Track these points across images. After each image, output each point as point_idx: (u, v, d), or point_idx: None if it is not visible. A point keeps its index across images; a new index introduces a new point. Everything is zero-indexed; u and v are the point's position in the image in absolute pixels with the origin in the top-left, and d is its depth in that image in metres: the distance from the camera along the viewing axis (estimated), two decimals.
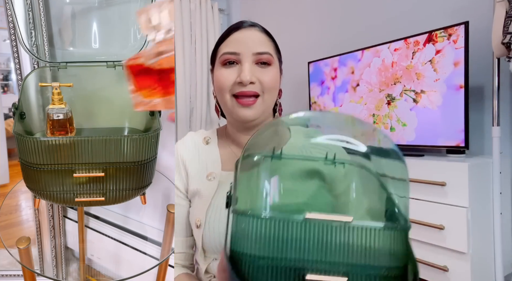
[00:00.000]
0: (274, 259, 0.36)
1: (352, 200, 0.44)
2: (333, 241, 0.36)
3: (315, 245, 0.36)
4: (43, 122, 0.80)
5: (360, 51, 1.69)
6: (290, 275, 0.35)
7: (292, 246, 0.36)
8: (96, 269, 1.10)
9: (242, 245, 0.37)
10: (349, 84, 1.75)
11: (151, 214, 0.99)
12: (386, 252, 0.36)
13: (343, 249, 0.36)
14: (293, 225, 0.36)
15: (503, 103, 1.48)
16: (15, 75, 0.94)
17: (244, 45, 0.61)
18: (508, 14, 1.22)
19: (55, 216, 1.02)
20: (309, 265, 0.36)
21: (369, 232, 0.36)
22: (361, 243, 0.36)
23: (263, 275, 0.36)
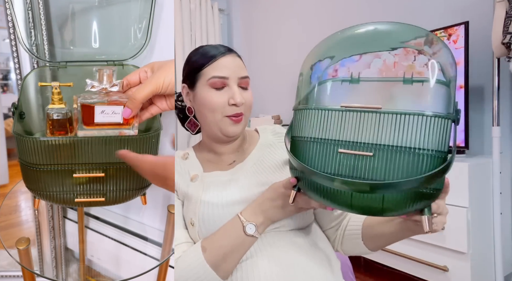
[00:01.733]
0: (318, 139, 0.50)
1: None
2: (362, 124, 0.46)
3: (348, 127, 0.47)
4: (43, 122, 0.80)
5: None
6: (329, 149, 0.48)
7: (330, 129, 0.49)
8: (96, 269, 1.09)
9: (297, 131, 0.53)
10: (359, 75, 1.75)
11: (151, 215, 0.99)
12: (414, 133, 0.44)
13: (372, 131, 0.46)
14: (332, 113, 0.49)
15: (503, 103, 1.48)
16: (14, 74, 0.93)
17: (231, 70, 0.69)
18: (508, 14, 1.22)
19: (55, 216, 1.02)
20: (342, 144, 0.47)
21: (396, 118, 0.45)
22: (388, 127, 0.45)
23: (311, 150, 0.50)
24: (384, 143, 0.45)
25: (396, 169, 0.44)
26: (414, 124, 0.44)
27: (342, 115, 0.48)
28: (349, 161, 0.47)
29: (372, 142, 0.45)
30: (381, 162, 0.45)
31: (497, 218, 1.38)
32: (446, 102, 0.47)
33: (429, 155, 0.44)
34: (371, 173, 0.45)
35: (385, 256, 1.58)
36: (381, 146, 0.45)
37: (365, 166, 0.45)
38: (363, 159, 0.46)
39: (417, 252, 1.45)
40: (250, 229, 0.60)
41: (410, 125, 0.44)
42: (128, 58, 0.81)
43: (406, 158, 0.44)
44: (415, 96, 0.48)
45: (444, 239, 1.36)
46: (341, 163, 0.47)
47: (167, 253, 0.87)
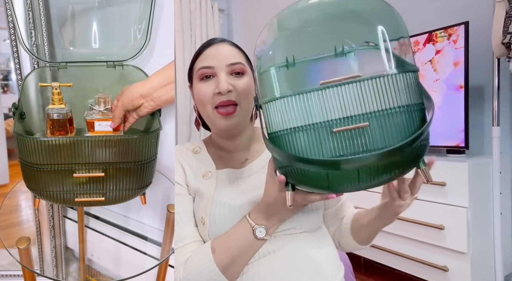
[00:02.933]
0: (303, 127, 0.46)
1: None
2: (349, 98, 0.45)
3: (334, 107, 0.45)
4: (43, 122, 0.80)
5: None
6: (320, 133, 0.45)
7: (315, 112, 0.46)
8: (96, 269, 1.10)
9: (277, 125, 0.49)
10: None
11: (151, 214, 0.99)
12: (400, 93, 0.44)
13: (360, 102, 0.44)
14: (312, 95, 0.46)
15: (503, 103, 1.48)
16: (15, 75, 0.94)
17: (217, 59, 0.65)
18: (508, 14, 1.22)
19: (55, 216, 1.02)
20: (332, 123, 0.45)
21: (381, 81, 0.44)
22: (375, 92, 0.44)
23: (299, 141, 0.47)
24: (374, 110, 0.44)
25: (393, 132, 0.44)
26: (394, 83, 0.44)
27: (323, 93, 0.45)
28: (344, 139, 0.45)
29: (362, 112, 0.44)
30: (377, 129, 0.44)
31: (497, 218, 1.38)
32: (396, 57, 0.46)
33: (415, 109, 0.45)
34: (371, 143, 0.44)
35: (385, 256, 1.58)
36: (372, 113, 0.44)
37: (363, 139, 0.44)
38: (358, 133, 0.44)
39: (417, 252, 1.45)
40: (260, 232, 0.59)
41: (392, 86, 0.44)
42: (128, 58, 0.82)
43: (399, 118, 0.44)
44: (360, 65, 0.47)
45: (444, 239, 1.36)
46: (337, 144, 0.45)
47: (166, 252, 0.87)
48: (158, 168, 0.81)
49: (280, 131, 0.48)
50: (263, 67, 0.50)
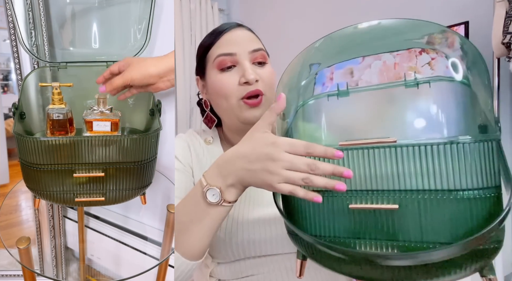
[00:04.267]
0: (319, 192, 0.37)
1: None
2: (374, 165, 0.34)
3: (356, 174, 0.35)
4: (43, 122, 0.80)
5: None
6: (334, 206, 0.36)
7: (333, 177, 0.36)
8: (96, 269, 1.10)
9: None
10: (346, 85, 1.75)
11: (151, 214, 0.99)
12: (467, 170, 0.31)
13: (389, 173, 0.33)
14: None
15: (503, 103, 1.48)
16: (15, 75, 0.94)
17: (238, 45, 0.59)
18: (508, 14, 1.22)
19: (55, 216, 1.02)
20: (353, 195, 0.35)
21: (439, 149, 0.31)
22: (411, 165, 0.32)
23: (311, 207, 0.38)
24: (410, 188, 0.32)
25: (434, 223, 0.32)
26: (447, 156, 0.31)
27: (348, 154, 0.35)
28: (366, 218, 0.34)
29: (393, 188, 0.33)
30: (412, 216, 0.32)
31: None
32: (470, 106, 0.34)
33: (476, 197, 0.31)
34: (400, 232, 0.33)
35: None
36: (406, 193, 0.33)
37: (391, 223, 0.33)
38: (385, 214, 0.33)
39: None
40: (213, 196, 0.45)
41: (441, 159, 0.31)
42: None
43: (447, 206, 0.31)
44: (427, 102, 0.35)
45: None
46: (355, 222, 0.35)
47: (166, 252, 0.87)
48: (158, 168, 0.81)
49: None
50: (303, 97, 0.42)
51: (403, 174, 0.33)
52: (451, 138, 0.32)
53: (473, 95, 0.36)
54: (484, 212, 0.31)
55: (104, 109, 0.74)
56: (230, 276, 0.63)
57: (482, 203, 0.31)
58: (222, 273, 0.63)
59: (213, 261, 0.64)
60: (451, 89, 0.36)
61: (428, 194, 0.32)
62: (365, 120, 0.39)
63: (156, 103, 0.79)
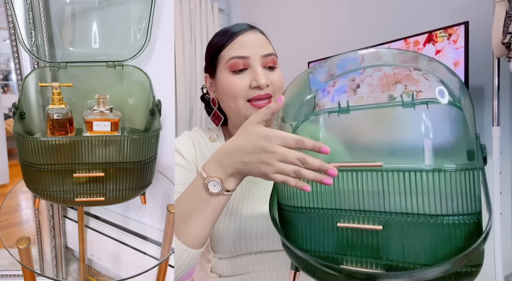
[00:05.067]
0: (310, 209, 0.39)
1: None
2: (363, 187, 0.36)
3: (345, 194, 0.37)
4: (43, 122, 0.80)
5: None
6: (324, 223, 0.38)
7: (324, 195, 0.38)
8: (96, 269, 1.10)
9: (283, 197, 0.42)
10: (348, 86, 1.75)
11: (151, 214, 0.99)
12: (447, 196, 0.32)
13: (376, 195, 0.35)
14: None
15: (503, 103, 1.48)
16: (15, 75, 0.94)
17: (251, 48, 0.61)
18: (508, 14, 1.22)
19: (55, 216, 1.02)
20: (341, 214, 0.37)
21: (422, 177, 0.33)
22: (396, 188, 0.34)
23: (303, 223, 0.40)
24: (395, 211, 0.34)
25: (415, 245, 0.33)
26: (429, 182, 0.32)
27: (338, 175, 0.37)
28: (353, 236, 0.36)
29: (378, 209, 0.35)
30: (395, 237, 0.34)
31: (497, 218, 1.38)
32: (463, 131, 0.36)
33: (456, 222, 0.32)
34: (384, 252, 0.34)
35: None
36: (391, 215, 0.34)
37: (375, 243, 0.35)
38: (371, 233, 0.35)
39: None
40: (215, 186, 0.48)
41: (424, 185, 0.33)
42: (128, 58, 0.82)
43: (428, 230, 0.32)
44: (421, 125, 0.37)
45: None
46: (343, 239, 0.37)
47: (166, 252, 0.87)
48: (158, 168, 0.81)
49: (288, 206, 0.42)
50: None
51: (388, 197, 0.35)
52: (437, 165, 0.33)
53: (465, 119, 0.39)
54: (464, 237, 0.32)
55: (104, 109, 0.74)
56: (231, 271, 0.63)
57: (462, 228, 0.32)
58: (223, 269, 0.64)
59: (215, 256, 0.64)
60: (445, 111, 0.39)
61: (411, 217, 0.33)
62: (359, 140, 0.42)
63: (156, 103, 0.79)
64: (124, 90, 0.84)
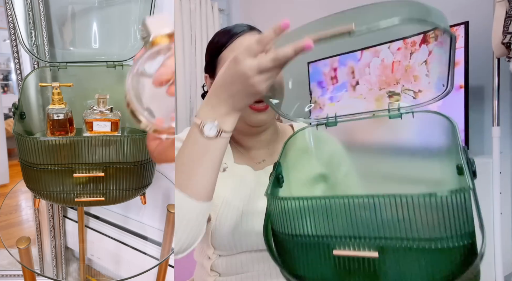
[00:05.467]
0: (306, 237, 0.39)
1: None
2: (355, 212, 0.36)
3: (340, 220, 0.37)
4: (43, 122, 0.80)
5: (360, 51, 1.69)
6: (320, 251, 0.38)
7: (320, 222, 0.38)
8: (96, 269, 1.10)
9: (277, 224, 0.41)
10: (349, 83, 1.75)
11: (151, 214, 0.99)
12: (440, 219, 0.32)
13: (370, 223, 0.35)
14: (313, 201, 0.38)
15: (503, 103, 1.48)
16: (15, 75, 0.94)
17: None
18: (508, 14, 1.22)
19: (55, 216, 1.02)
20: (337, 241, 0.37)
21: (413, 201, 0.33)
22: (389, 213, 0.34)
23: (299, 250, 0.39)
24: (390, 236, 0.34)
25: (412, 270, 0.34)
26: (422, 207, 0.33)
27: (329, 202, 0.37)
28: (350, 263, 0.36)
29: (373, 236, 0.35)
30: (391, 262, 0.34)
31: (497, 218, 1.38)
32: (452, 142, 0.37)
33: (450, 246, 0.32)
34: (381, 277, 0.35)
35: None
36: (386, 240, 0.34)
37: (372, 268, 0.35)
38: (368, 259, 0.36)
39: None
40: (210, 129, 0.46)
41: (416, 210, 0.33)
42: (128, 58, 0.82)
43: (424, 254, 0.33)
44: (408, 139, 0.39)
45: None
46: (340, 266, 0.37)
47: (166, 252, 0.87)
48: (158, 168, 0.81)
49: (283, 234, 0.41)
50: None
51: (381, 223, 0.35)
52: (428, 188, 0.34)
53: (454, 129, 0.39)
54: (460, 259, 0.33)
55: (104, 109, 0.74)
56: (231, 270, 0.64)
57: (457, 251, 0.33)
58: (223, 267, 0.64)
59: (215, 253, 0.64)
60: (435, 121, 0.40)
61: (406, 242, 0.34)
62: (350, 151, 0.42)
63: None
64: (124, 90, 0.84)
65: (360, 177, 0.60)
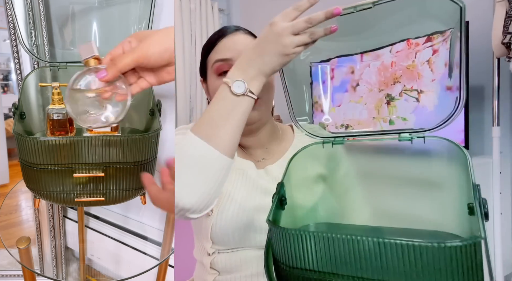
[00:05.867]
0: (308, 272, 0.38)
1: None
2: (363, 253, 0.35)
3: (344, 258, 0.36)
4: (43, 122, 0.80)
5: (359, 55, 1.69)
6: None
7: (322, 259, 0.37)
8: (96, 269, 1.10)
9: (279, 253, 0.41)
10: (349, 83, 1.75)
11: (151, 214, 0.99)
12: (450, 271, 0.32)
13: (375, 266, 0.34)
14: (317, 238, 0.37)
15: (503, 103, 1.48)
16: (15, 75, 0.94)
17: (234, 50, 0.61)
18: (508, 14, 1.22)
19: (55, 216, 1.02)
20: (339, 279, 0.36)
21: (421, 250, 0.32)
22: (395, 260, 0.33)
23: None
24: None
25: None
26: (429, 256, 0.32)
27: (333, 238, 0.36)
28: None
29: (378, 278, 0.35)
30: None
31: (497, 218, 1.38)
32: (465, 175, 0.37)
33: None
34: None
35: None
36: None
37: None
38: None
39: None
40: (239, 87, 0.48)
41: (424, 258, 0.32)
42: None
43: None
44: (420, 169, 0.40)
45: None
46: None
47: (166, 252, 0.87)
48: (158, 168, 0.81)
49: (286, 265, 0.40)
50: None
51: (386, 267, 0.34)
52: (438, 240, 0.33)
53: (466, 160, 0.39)
54: None
55: None
56: (230, 268, 0.63)
57: None
58: (222, 265, 0.64)
59: (213, 247, 0.64)
60: (447, 149, 0.40)
61: None
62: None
63: (156, 103, 0.79)
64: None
65: (359, 177, 0.60)
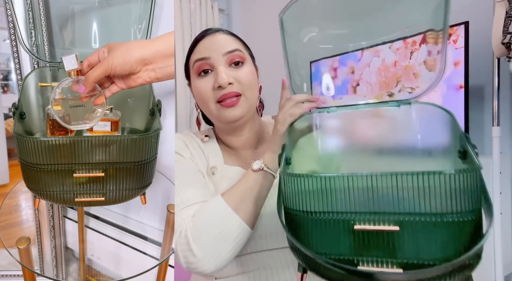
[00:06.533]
0: (321, 213, 0.40)
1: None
2: (376, 189, 0.37)
3: (360, 197, 0.38)
4: (43, 122, 0.80)
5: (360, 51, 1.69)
6: (339, 227, 0.39)
7: (337, 199, 0.39)
8: (96, 269, 1.10)
9: (290, 201, 0.42)
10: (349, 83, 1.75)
11: (151, 214, 0.99)
12: (452, 196, 0.35)
13: (393, 198, 0.37)
14: (334, 179, 0.39)
15: (503, 103, 1.48)
16: (15, 75, 0.94)
17: (212, 49, 0.61)
18: (508, 14, 1.22)
19: (55, 216, 1.02)
20: (356, 217, 0.38)
21: (429, 178, 0.36)
22: (413, 191, 0.36)
23: (315, 227, 0.40)
24: (408, 212, 0.36)
25: (428, 243, 0.36)
26: (431, 183, 0.35)
27: (348, 180, 0.38)
28: (368, 238, 0.37)
29: (393, 211, 0.37)
30: (409, 237, 0.36)
31: (497, 218, 1.38)
32: (451, 131, 0.42)
33: (467, 220, 0.35)
34: (399, 251, 0.36)
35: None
36: (404, 215, 0.36)
37: (391, 243, 0.37)
38: (386, 234, 0.37)
39: None
40: (257, 164, 0.56)
41: (431, 186, 0.35)
42: None
43: (439, 228, 0.35)
44: (409, 128, 0.44)
45: None
46: (358, 243, 0.38)
47: (166, 252, 0.87)
48: (158, 168, 0.81)
49: (297, 210, 0.41)
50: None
51: (402, 199, 0.37)
52: (437, 167, 0.38)
53: (454, 120, 0.43)
54: (469, 233, 0.36)
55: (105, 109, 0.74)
56: (227, 272, 0.63)
57: (465, 225, 0.36)
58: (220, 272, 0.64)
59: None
60: (434, 113, 0.44)
61: (423, 217, 0.36)
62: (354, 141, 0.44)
63: (156, 103, 0.79)
64: (124, 90, 0.85)
65: (357, 155, 0.61)
